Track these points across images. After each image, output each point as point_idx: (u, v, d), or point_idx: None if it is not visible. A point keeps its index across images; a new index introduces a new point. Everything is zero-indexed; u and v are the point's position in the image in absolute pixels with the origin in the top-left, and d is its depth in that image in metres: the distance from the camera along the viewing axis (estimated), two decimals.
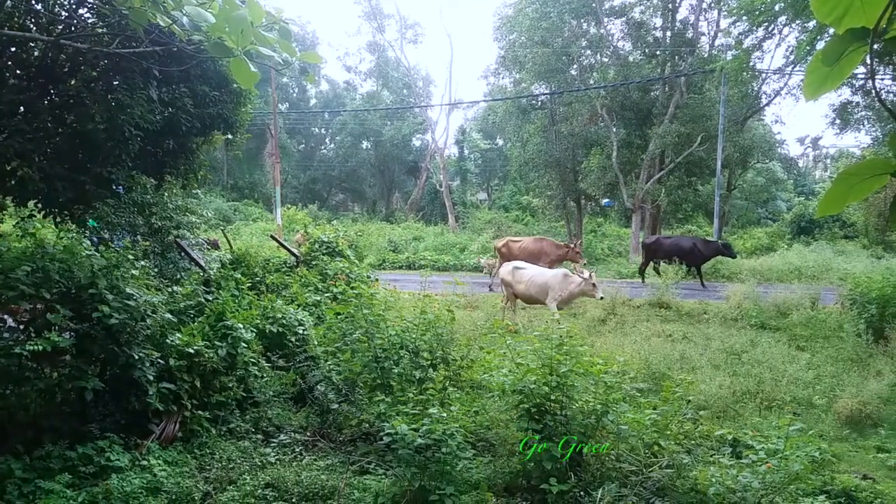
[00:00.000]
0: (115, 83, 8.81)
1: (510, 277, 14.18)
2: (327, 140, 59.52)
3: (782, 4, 17.84)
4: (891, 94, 20.16)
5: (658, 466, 5.82)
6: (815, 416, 8.58)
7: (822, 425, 8.25)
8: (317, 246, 13.61)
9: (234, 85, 10.23)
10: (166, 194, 10.74)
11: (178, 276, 10.26)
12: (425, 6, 76.55)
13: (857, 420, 8.54)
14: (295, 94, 56.07)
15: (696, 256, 19.78)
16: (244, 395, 7.51)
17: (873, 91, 25.14)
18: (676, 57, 29.59)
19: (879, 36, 1.56)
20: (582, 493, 5.68)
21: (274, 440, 6.94)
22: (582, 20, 30.54)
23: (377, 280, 13.47)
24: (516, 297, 14.25)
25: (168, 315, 7.04)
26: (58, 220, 9.14)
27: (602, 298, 12.87)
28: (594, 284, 12.66)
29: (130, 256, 6.78)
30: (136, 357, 6.24)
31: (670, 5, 29.54)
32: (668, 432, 6.13)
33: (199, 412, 6.80)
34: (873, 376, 9.57)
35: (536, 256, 18.59)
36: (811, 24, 17.67)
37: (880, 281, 12.86)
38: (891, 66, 17.29)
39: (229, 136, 11.48)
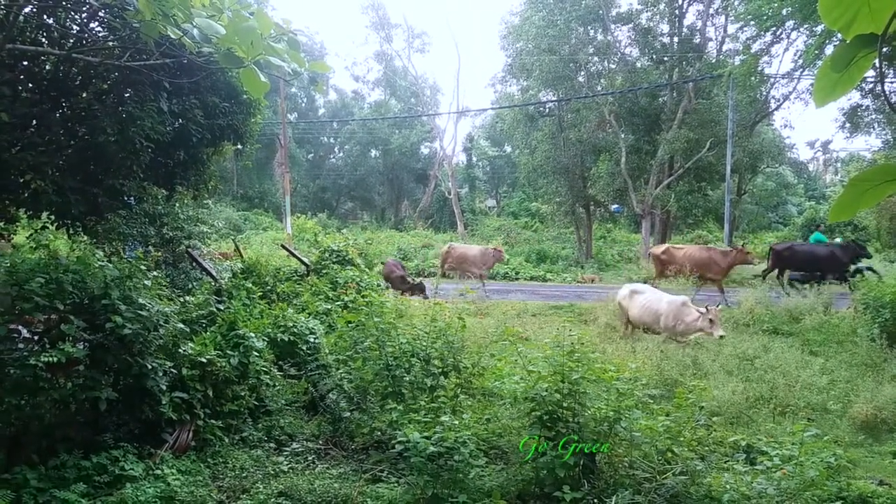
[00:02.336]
0: (126, 95, 8.89)
1: (626, 301, 12.97)
2: (336, 149, 59.75)
3: (790, 9, 17.80)
4: None
5: (671, 473, 5.79)
6: (829, 421, 8.51)
7: (836, 431, 8.19)
8: (327, 255, 13.66)
9: (244, 96, 10.31)
10: (177, 205, 10.82)
11: (190, 285, 10.32)
12: (432, 15, 76.93)
13: (873, 425, 8.46)
14: (304, 104, 56.36)
15: (836, 264, 17.72)
16: (256, 403, 7.53)
17: (883, 95, 25.02)
18: (684, 62, 29.54)
19: (889, 41, 1.56)
20: (595, 500, 5.65)
21: (286, 449, 6.95)
22: (589, 27, 30.57)
23: (387, 288, 13.50)
24: (629, 322, 13.06)
25: (180, 325, 7.08)
26: (71, 231, 9.22)
27: (722, 337, 11.26)
28: (712, 321, 11.19)
29: (143, 267, 6.83)
30: (149, 367, 6.28)
31: (677, 11, 29.53)
32: (682, 439, 6.09)
33: (212, 421, 6.82)
34: (888, 381, 9.49)
35: (704, 266, 17.24)
36: (819, 28, 17.62)
37: (893, 285, 12.77)
38: None
39: (239, 147, 11.55)
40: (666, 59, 29.92)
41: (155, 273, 7.24)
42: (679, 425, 6.17)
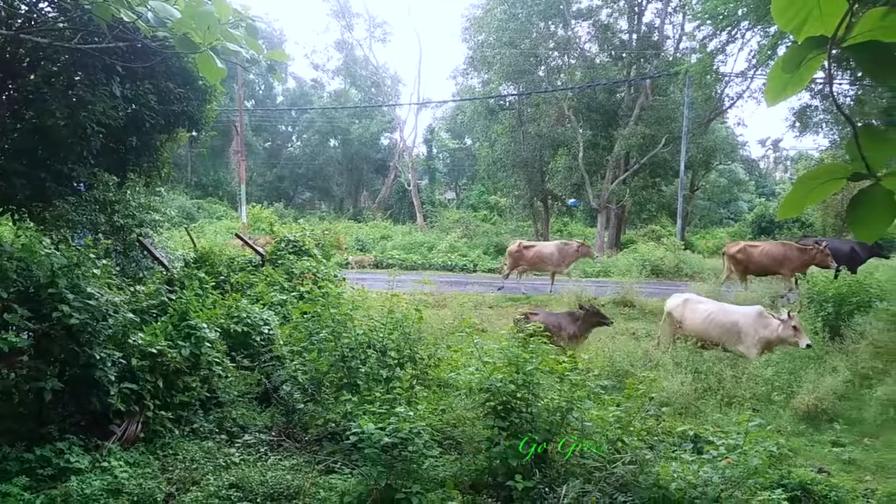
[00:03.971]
0: (76, 79, 8.62)
1: (680, 312, 11.10)
2: (294, 138, 59.01)
3: (745, 9, 18.19)
4: (847, 99, 20.71)
5: (621, 462, 5.91)
6: (773, 411, 8.78)
7: (779, 421, 8.46)
8: (283, 245, 13.48)
9: (200, 82, 10.09)
10: (129, 192, 10.55)
11: (141, 274, 10.08)
12: (394, 5, 76.39)
13: (814, 415, 8.77)
14: (261, 92, 55.47)
15: (855, 261, 16.94)
16: (208, 395, 7.43)
17: (831, 96, 25.76)
18: (642, 59, 30.02)
19: (838, 44, 1.61)
20: (547, 489, 5.74)
21: (238, 440, 6.87)
22: (550, 22, 30.80)
23: (344, 279, 13.40)
24: (685, 335, 10.99)
25: (130, 314, 6.93)
26: (16, 217, 8.92)
27: (809, 346, 9.73)
28: (795, 328, 9.68)
29: (92, 255, 6.66)
30: (97, 357, 6.13)
31: (636, 8, 29.95)
32: (632, 429, 6.22)
33: (162, 412, 6.71)
34: (829, 373, 9.82)
35: (781, 263, 16.16)
36: (773, 28, 18.04)
37: (837, 280, 13.24)
38: (848, 72, 17.74)
39: (194, 134, 11.32)
40: (624, 55, 30.34)
41: (104, 261, 7.06)
42: (629, 415, 6.30)
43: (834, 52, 1.62)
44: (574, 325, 10.79)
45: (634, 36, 30.41)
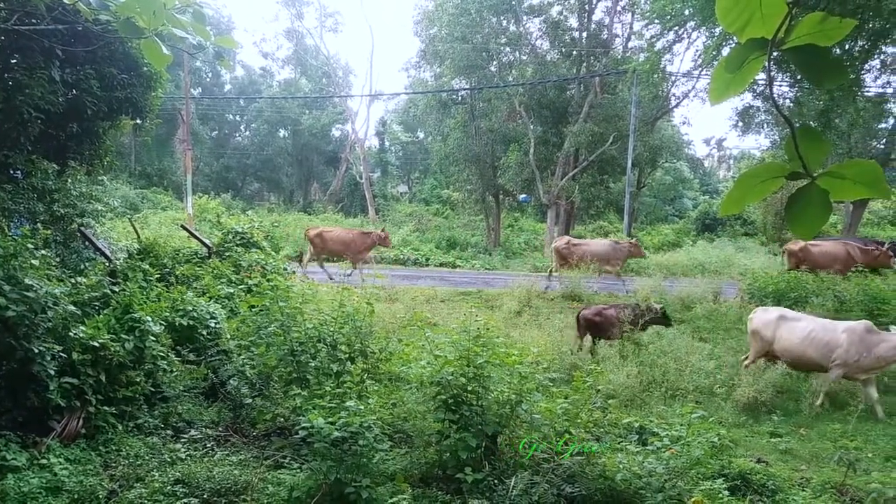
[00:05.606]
0: (12, 62, 8.31)
1: (770, 331, 9.84)
2: (242, 127, 57.90)
3: (691, 10, 18.58)
4: (787, 101, 21.38)
5: (569, 454, 6.01)
6: (715, 403, 9.05)
7: (721, 412, 8.72)
8: (230, 237, 13.23)
9: (145, 68, 9.85)
10: (70, 180, 10.20)
11: (83, 266, 9.77)
12: None
13: (753, 407, 9.08)
14: (208, 79, 54.22)
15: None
16: (152, 389, 7.26)
17: (771, 98, 26.54)
18: (591, 57, 30.42)
19: (778, 46, 1.66)
20: (496, 481, 5.81)
21: (184, 436, 6.74)
22: (501, 17, 30.94)
23: (294, 272, 13.25)
24: (774, 355, 10.00)
25: (71, 307, 6.71)
26: None
27: None
28: None
29: (29, 245, 6.42)
30: (36, 351, 5.93)
31: (586, 6, 30.30)
32: (579, 420, 6.34)
33: (105, 408, 6.53)
34: (769, 366, 10.16)
35: (844, 263, 15.37)
36: (718, 29, 18.48)
37: (776, 276, 13.73)
38: (788, 74, 18.32)
39: (138, 121, 11.04)
40: (574, 53, 30.69)
41: (43, 252, 6.82)
42: (577, 408, 6.41)
43: (774, 54, 1.68)
44: (644, 317, 11.23)
45: (584, 34, 30.78)
